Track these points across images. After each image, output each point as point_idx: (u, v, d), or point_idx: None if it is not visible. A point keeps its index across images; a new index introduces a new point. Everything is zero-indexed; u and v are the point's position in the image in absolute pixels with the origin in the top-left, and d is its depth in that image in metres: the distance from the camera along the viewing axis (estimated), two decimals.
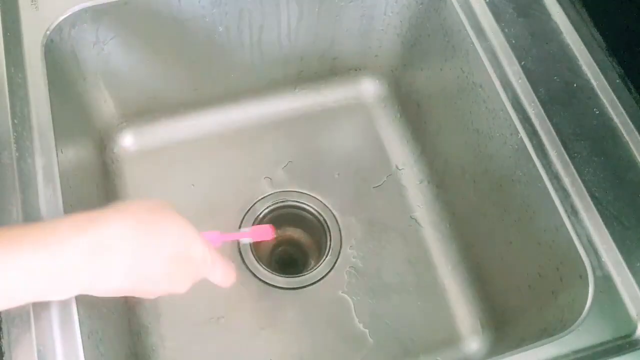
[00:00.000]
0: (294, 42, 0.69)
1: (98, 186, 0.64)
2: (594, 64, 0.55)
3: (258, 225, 0.63)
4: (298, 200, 0.69)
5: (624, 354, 0.44)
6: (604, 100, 0.53)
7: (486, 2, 0.58)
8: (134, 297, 0.62)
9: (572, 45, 0.56)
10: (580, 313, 0.45)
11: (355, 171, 0.71)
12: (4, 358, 0.41)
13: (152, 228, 0.37)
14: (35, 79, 0.52)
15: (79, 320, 0.42)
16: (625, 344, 0.44)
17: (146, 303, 0.62)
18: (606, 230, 0.48)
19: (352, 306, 0.63)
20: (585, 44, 0.56)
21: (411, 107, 0.73)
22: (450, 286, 0.65)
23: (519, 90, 0.54)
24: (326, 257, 0.65)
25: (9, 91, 0.50)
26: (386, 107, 0.76)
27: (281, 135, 0.73)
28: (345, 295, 0.64)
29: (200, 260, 0.41)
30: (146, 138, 0.71)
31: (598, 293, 0.46)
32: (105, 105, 0.67)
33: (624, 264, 0.47)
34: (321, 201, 0.68)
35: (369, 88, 0.77)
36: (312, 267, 0.65)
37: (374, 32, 0.70)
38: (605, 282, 0.46)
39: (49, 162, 0.48)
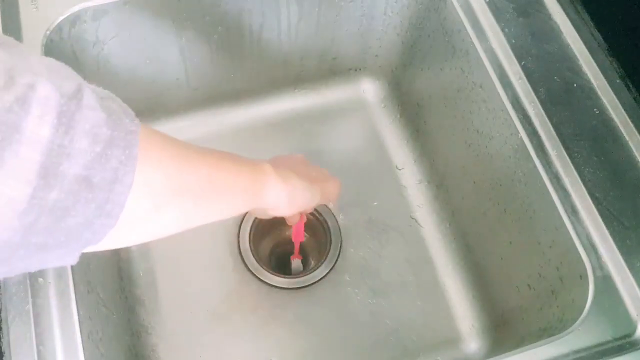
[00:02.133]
0: (294, 42, 0.69)
1: None
2: (594, 64, 0.55)
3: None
4: None
5: (624, 354, 0.44)
6: (604, 100, 0.53)
7: (486, 2, 0.58)
8: (134, 297, 0.62)
9: (572, 45, 0.56)
10: (580, 313, 0.45)
11: (355, 171, 0.71)
12: (4, 358, 0.41)
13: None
14: None
15: (79, 320, 0.42)
16: (626, 344, 0.44)
17: (146, 303, 0.62)
18: (606, 230, 0.48)
19: (352, 306, 0.63)
20: (585, 44, 0.56)
21: (411, 107, 0.73)
22: (450, 286, 0.65)
23: (519, 90, 0.54)
24: (326, 257, 0.65)
25: None
26: (386, 107, 0.76)
27: (281, 135, 0.73)
28: (345, 295, 0.64)
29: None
30: None
31: (598, 293, 0.46)
32: None
33: (624, 264, 0.47)
34: None
35: (369, 88, 0.77)
36: (312, 268, 0.65)
37: (374, 32, 0.70)
38: (605, 282, 0.46)
39: None
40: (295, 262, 0.65)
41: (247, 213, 0.67)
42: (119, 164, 0.26)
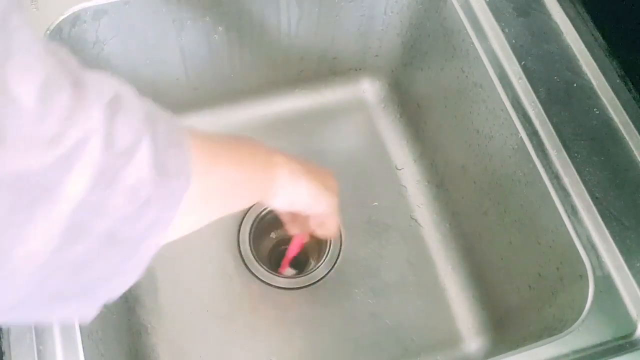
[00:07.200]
0: (294, 43, 0.69)
1: None
2: (594, 64, 0.55)
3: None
4: None
5: (624, 353, 0.44)
6: (604, 100, 0.53)
7: (486, 2, 0.58)
8: (134, 297, 0.62)
9: (572, 45, 0.56)
10: (580, 313, 0.45)
11: (355, 171, 0.71)
12: (4, 358, 0.41)
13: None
14: None
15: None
16: (625, 343, 0.45)
17: (146, 303, 0.62)
18: (606, 230, 0.48)
19: (352, 306, 0.63)
20: (585, 44, 0.56)
21: (411, 107, 0.73)
22: (450, 286, 0.65)
23: (519, 90, 0.54)
24: (326, 257, 0.65)
25: None
26: (386, 107, 0.76)
27: (281, 135, 0.73)
28: (345, 295, 0.64)
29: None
30: None
31: (598, 293, 0.46)
32: None
33: (624, 263, 0.47)
34: None
35: (369, 88, 0.77)
36: (312, 268, 0.65)
37: (374, 32, 0.70)
38: (605, 282, 0.46)
39: None
40: (287, 271, 0.65)
41: (246, 214, 0.67)
42: (152, 224, 0.24)
